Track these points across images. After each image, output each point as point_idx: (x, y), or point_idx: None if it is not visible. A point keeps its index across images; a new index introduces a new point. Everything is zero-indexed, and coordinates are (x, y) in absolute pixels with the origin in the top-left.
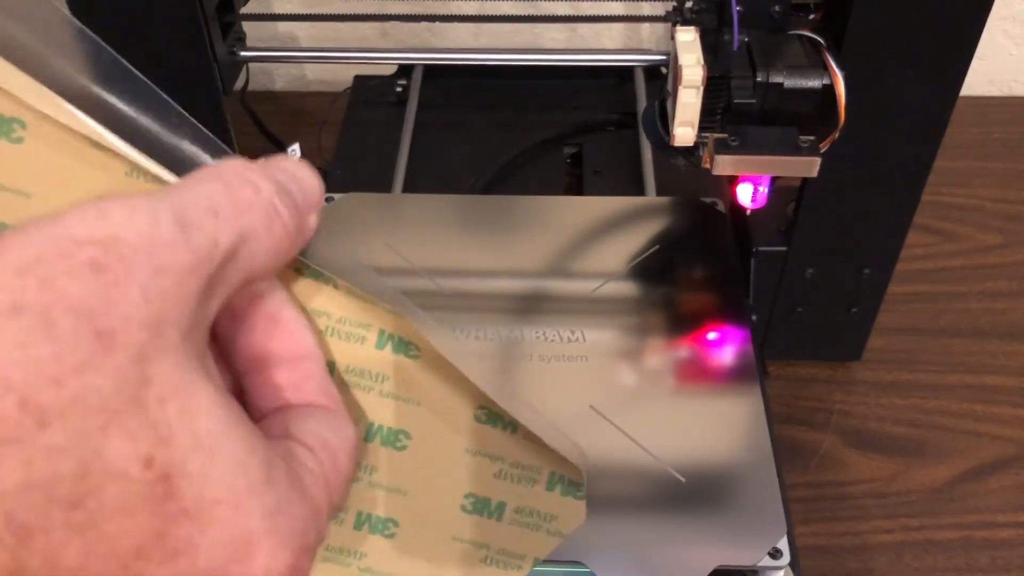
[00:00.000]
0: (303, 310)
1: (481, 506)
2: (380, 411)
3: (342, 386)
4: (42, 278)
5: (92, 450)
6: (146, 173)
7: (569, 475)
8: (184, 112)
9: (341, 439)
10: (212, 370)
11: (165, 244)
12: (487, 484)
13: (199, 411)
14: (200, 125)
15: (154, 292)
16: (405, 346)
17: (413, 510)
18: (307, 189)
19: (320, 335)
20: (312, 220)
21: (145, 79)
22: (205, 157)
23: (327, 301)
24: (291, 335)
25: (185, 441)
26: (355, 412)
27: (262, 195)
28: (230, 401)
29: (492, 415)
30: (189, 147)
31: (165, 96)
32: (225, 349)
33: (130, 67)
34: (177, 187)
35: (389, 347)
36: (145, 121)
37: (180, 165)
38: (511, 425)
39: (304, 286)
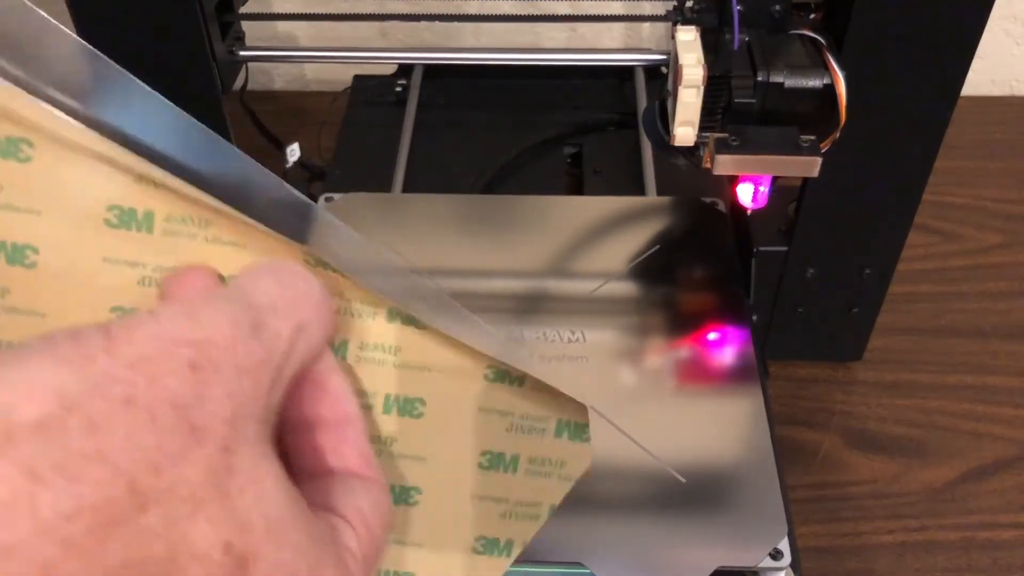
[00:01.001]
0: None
1: (496, 461)
2: (394, 382)
3: (357, 363)
4: (149, 375)
5: (180, 534)
6: (152, 180)
7: (575, 418)
8: (185, 114)
9: (379, 513)
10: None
11: (243, 344)
12: (500, 439)
13: (269, 498)
14: (198, 122)
15: (236, 389)
16: (412, 318)
17: (435, 476)
18: None
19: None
20: None
21: (143, 84)
22: (204, 159)
23: (342, 288)
24: (336, 401)
25: (259, 527)
26: (371, 385)
27: (312, 286)
28: (290, 484)
29: (499, 372)
30: (187, 148)
31: (164, 99)
32: None
33: (125, 71)
34: (242, 286)
35: (398, 320)
36: (143, 127)
37: (181, 165)
38: (517, 380)
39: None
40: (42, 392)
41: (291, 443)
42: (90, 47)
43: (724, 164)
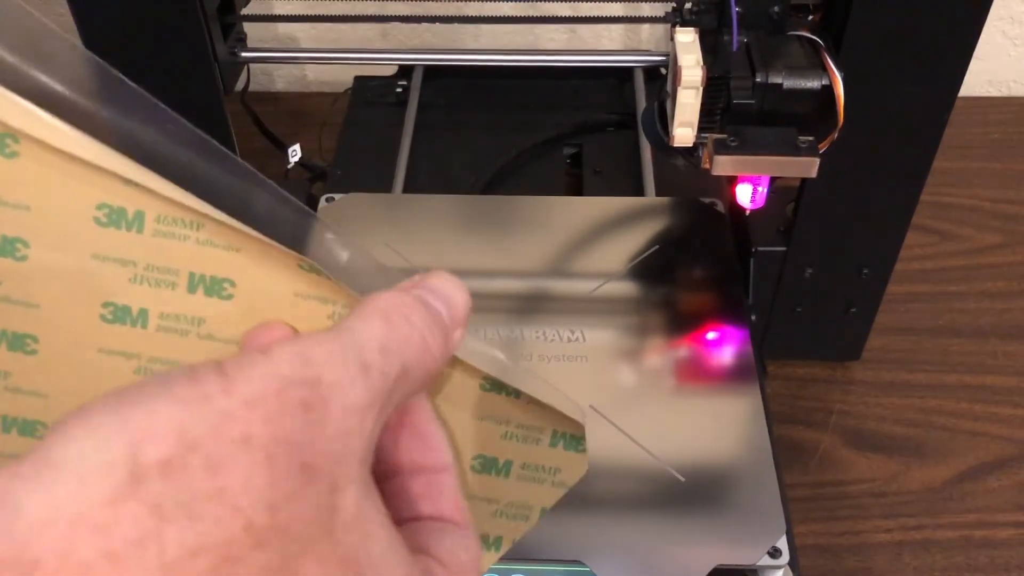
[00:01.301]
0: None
1: (489, 465)
2: None
3: None
4: (265, 415)
5: (292, 573)
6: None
7: (571, 431)
8: (180, 118)
9: (471, 557)
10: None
11: (352, 384)
12: (494, 445)
13: (373, 536)
14: (198, 130)
15: (344, 429)
16: None
17: None
18: (454, 307)
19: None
20: (457, 335)
21: (136, 86)
22: (202, 165)
23: (336, 295)
24: (433, 449)
25: (364, 565)
26: None
27: (416, 329)
28: (391, 524)
29: (496, 383)
30: (186, 153)
31: (161, 104)
32: None
33: (120, 75)
34: (352, 325)
35: None
36: (141, 131)
37: (178, 170)
38: (514, 392)
39: (314, 280)
40: (164, 433)
41: (387, 488)
42: (92, 54)
43: (723, 165)
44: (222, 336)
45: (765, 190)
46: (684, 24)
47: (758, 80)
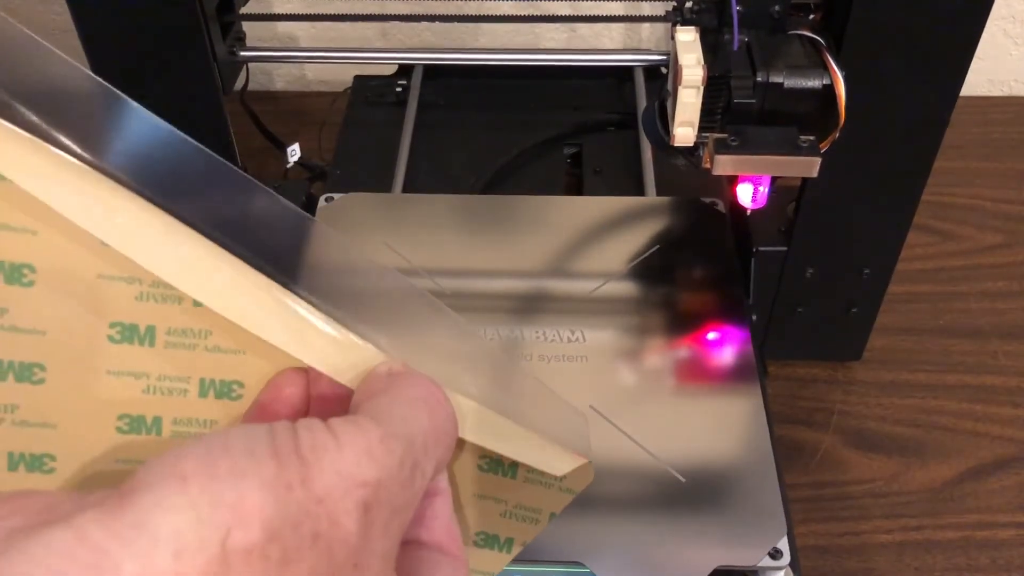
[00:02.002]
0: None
1: (495, 466)
2: None
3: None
4: (332, 515)
5: None
6: (155, 293)
7: (573, 487)
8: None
9: None
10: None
11: (402, 486)
12: (494, 523)
13: None
14: (214, 155)
15: (390, 528)
16: None
17: None
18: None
19: None
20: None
21: (138, 104)
22: (218, 192)
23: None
24: None
25: None
26: None
27: (451, 420)
28: None
29: (493, 463)
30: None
31: (156, 116)
32: None
33: (120, 93)
34: (404, 417)
35: None
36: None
37: (192, 197)
38: (511, 470)
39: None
40: (252, 520)
41: None
42: (87, 71)
43: (723, 164)
44: None
45: (766, 190)
46: (685, 23)
47: (759, 79)
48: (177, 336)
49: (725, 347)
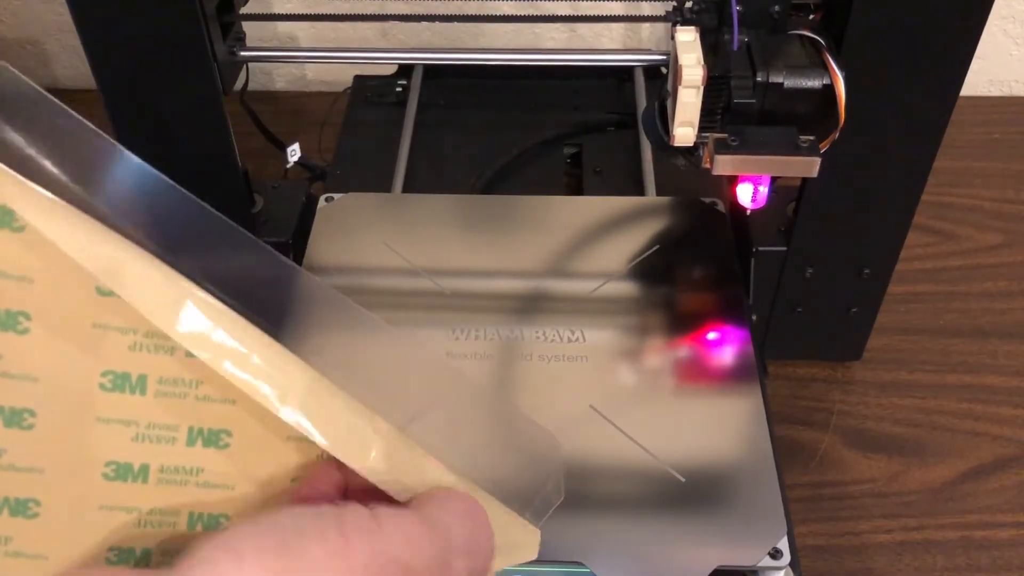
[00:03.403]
0: None
1: None
2: None
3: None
4: None
5: None
6: (148, 343)
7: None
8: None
9: None
10: None
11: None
12: None
13: None
14: (223, 216)
15: None
16: None
17: None
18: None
19: None
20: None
21: (131, 153)
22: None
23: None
24: None
25: None
26: None
27: (487, 541)
28: None
29: None
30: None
31: (148, 165)
32: None
33: (114, 141)
34: (450, 519)
35: None
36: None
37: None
38: None
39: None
40: None
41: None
42: (80, 117)
43: (723, 164)
44: (218, 483)
45: (766, 190)
46: (685, 23)
47: (759, 79)
48: (168, 385)
49: (725, 347)
